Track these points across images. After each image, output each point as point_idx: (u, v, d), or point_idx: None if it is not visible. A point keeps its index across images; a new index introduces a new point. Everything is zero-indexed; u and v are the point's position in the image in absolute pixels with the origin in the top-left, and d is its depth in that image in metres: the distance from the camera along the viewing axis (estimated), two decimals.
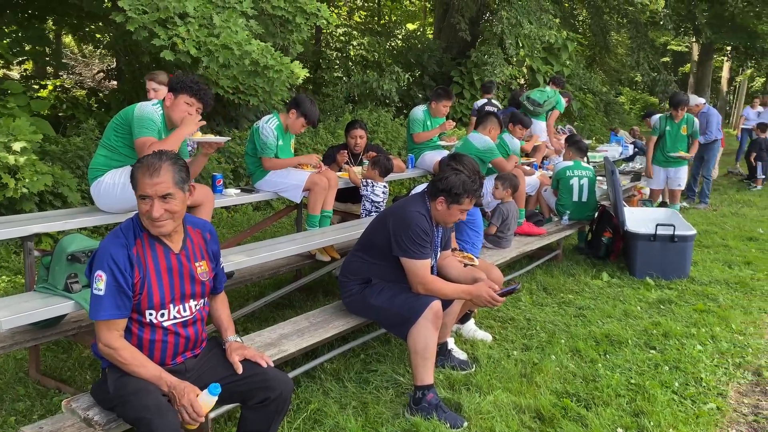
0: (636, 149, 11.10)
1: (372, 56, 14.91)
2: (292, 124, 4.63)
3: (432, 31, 18.71)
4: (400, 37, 17.48)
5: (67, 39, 13.74)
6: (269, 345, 2.99)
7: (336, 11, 17.18)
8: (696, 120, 7.76)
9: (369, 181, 5.03)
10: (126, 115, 3.55)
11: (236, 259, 3.64)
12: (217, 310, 2.64)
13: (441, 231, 3.40)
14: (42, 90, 10.54)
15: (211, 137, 3.69)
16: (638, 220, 6.21)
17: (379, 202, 5.02)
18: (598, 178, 7.73)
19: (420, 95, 14.41)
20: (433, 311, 3.08)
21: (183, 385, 2.21)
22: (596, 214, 6.41)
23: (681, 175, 7.84)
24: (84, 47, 14.03)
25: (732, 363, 3.84)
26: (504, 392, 3.32)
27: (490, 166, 5.74)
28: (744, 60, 22.53)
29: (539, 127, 9.20)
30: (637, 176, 9.16)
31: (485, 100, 9.55)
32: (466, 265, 3.86)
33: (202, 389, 2.24)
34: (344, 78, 13.86)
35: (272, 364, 2.50)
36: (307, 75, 6.49)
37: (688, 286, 5.34)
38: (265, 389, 2.39)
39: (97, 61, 15.16)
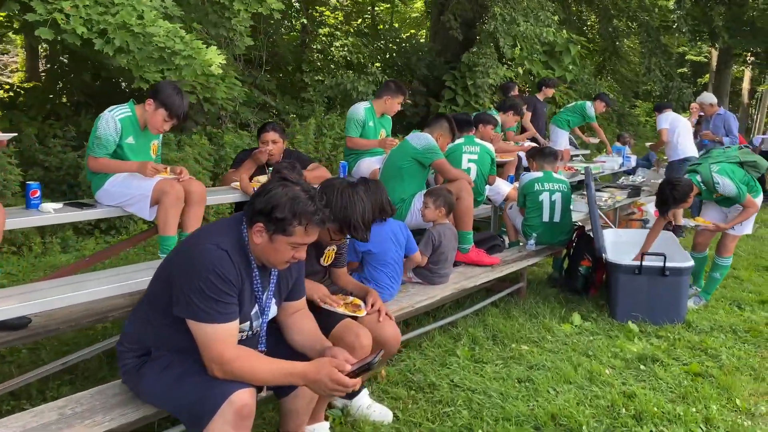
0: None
1: (356, 58, 13.80)
2: (151, 119, 3.48)
3: (429, 36, 17.59)
4: (393, 41, 16.33)
5: None
6: None
7: (328, 13, 16.21)
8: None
9: None
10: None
11: (4, 305, 2.52)
12: None
13: (276, 272, 2.23)
14: None
15: None
16: (625, 245, 5.02)
17: None
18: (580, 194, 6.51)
19: (408, 101, 13.25)
20: (234, 408, 1.90)
21: None
22: (573, 238, 5.19)
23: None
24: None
25: None
26: None
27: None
28: (765, 67, 21.06)
29: (562, 137, 8.74)
30: (635, 191, 7.86)
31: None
32: (345, 316, 2.70)
33: None
34: (324, 81, 12.75)
35: None
36: (222, 62, 5.35)
37: (681, 335, 4.10)
38: None
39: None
